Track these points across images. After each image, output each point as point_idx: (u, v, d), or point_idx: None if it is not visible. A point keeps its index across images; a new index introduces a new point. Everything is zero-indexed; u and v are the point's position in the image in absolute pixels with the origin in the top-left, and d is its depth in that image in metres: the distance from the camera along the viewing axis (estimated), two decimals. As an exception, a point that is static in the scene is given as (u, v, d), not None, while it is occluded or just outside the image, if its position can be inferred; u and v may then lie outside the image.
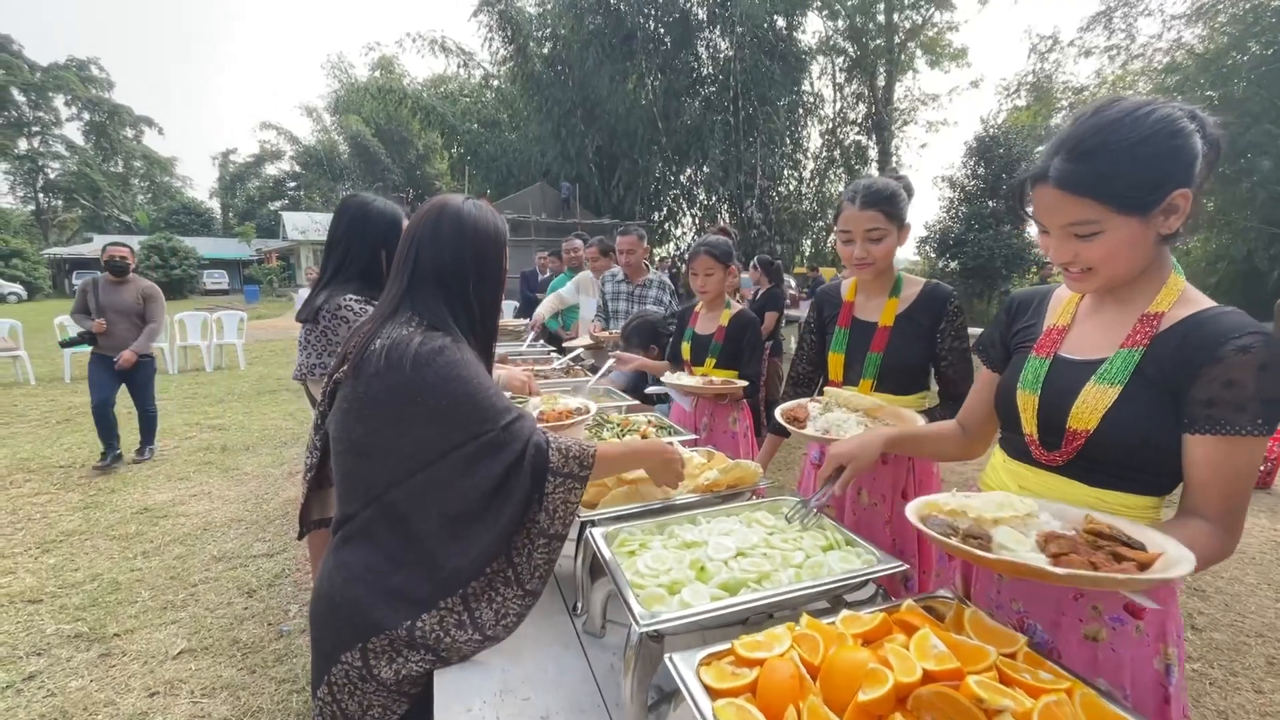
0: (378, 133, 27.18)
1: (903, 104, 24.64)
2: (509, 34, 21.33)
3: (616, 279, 3.71)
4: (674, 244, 25.16)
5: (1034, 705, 0.65)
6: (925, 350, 1.66)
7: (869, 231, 1.60)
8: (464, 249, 1.14)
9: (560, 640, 1.20)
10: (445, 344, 1.05)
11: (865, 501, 1.71)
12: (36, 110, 41.45)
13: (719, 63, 21.03)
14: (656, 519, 1.24)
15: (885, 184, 1.61)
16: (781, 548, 1.10)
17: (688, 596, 0.96)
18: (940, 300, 1.65)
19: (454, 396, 1.03)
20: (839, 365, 1.74)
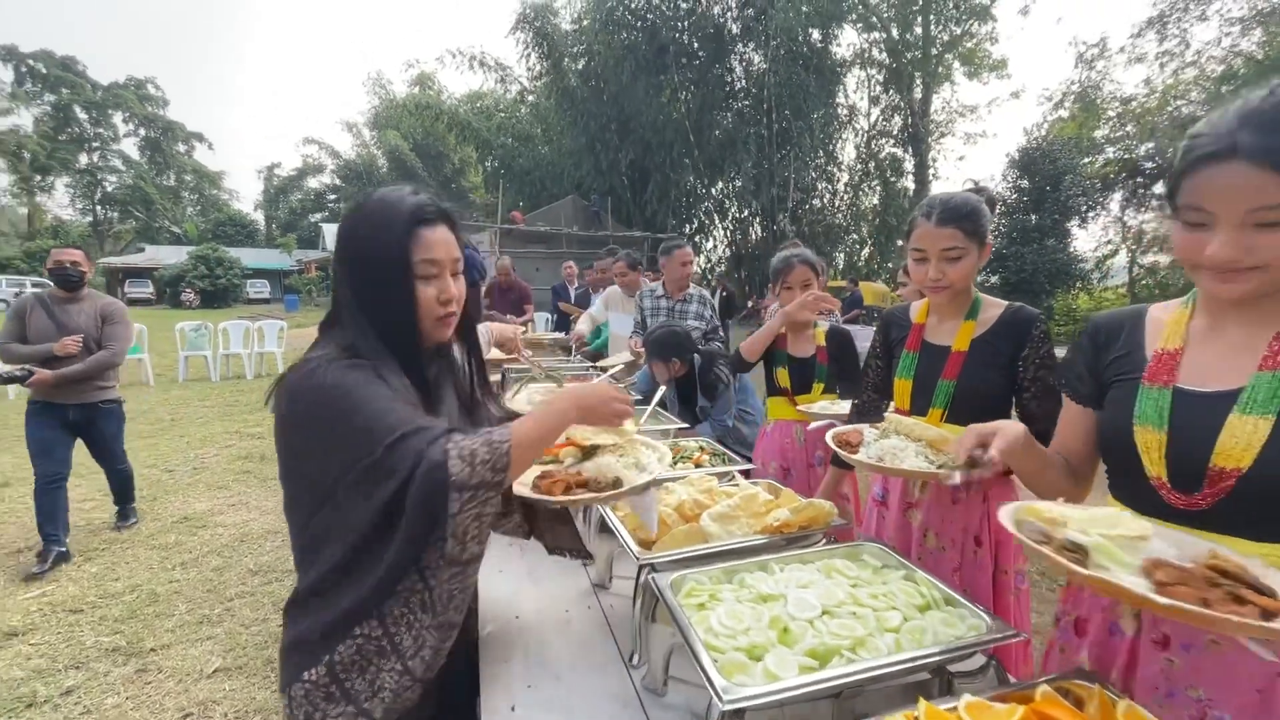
0: (415, 147, 27.79)
1: (940, 116, 24.23)
2: (545, 50, 21.68)
3: (655, 294, 3.61)
4: (704, 257, 25.11)
5: None
6: (1004, 379, 1.48)
7: (946, 251, 1.44)
8: (349, 241, 0.98)
9: (617, 696, 1.09)
10: (318, 366, 0.91)
11: (932, 544, 1.55)
12: (97, 127, 43.68)
13: (752, 76, 21.00)
14: (723, 564, 1.12)
15: (965, 199, 1.46)
16: (873, 605, 0.97)
17: (772, 665, 0.84)
18: (1024, 325, 1.47)
19: (327, 423, 0.88)
20: (906, 392, 1.59)
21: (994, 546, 1.50)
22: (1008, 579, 1.50)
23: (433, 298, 0.99)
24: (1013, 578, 1.50)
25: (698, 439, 2.05)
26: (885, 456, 1.29)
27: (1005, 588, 1.50)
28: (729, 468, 1.69)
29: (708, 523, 1.24)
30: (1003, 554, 1.50)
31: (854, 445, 1.39)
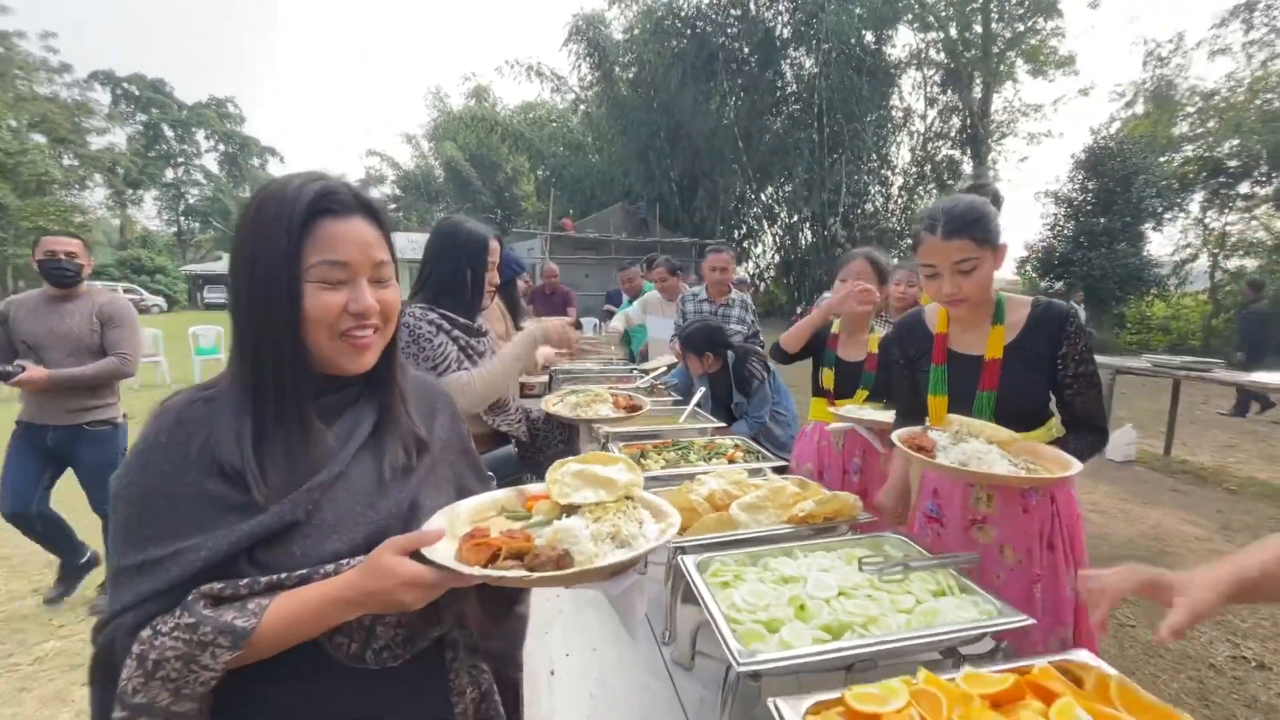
0: (470, 158, 28.71)
1: (1001, 116, 23.35)
2: (596, 60, 22.09)
3: (698, 298, 3.65)
4: (753, 262, 24.95)
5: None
6: (1046, 380, 1.41)
7: (958, 264, 1.35)
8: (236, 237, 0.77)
9: (649, 669, 1.18)
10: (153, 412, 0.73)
11: (1010, 560, 1.44)
12: (181, 144, 46.95)
13: (803, 80, 20.81)
14: (749, 549, 1.20)
15: (970, 204, 1.36)
16: (888, 589, 1.03)
17: (787, 636, 0.91)
18: (1056, 321, 1.40)
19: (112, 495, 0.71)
20: (942, 409, 1.48)
21: (1067, 546, 1.41)
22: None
23: (334, 308, 0.75)
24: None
25: (733, 437, 2.12)
26: (970, 461, 1.22)
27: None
28: (760, 464, 1.75)
29: (736, 511, 1.31)
30: (1076, 552, 1.43)
31: (927, 449, 1.30)
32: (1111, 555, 3.66)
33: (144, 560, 0.65)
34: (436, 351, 1.67)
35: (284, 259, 0.72)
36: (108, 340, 2.80)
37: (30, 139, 35.94)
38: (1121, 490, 4.93)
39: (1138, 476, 5.43)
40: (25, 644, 2.63)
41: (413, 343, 1.65)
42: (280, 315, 0.73)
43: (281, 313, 0.73)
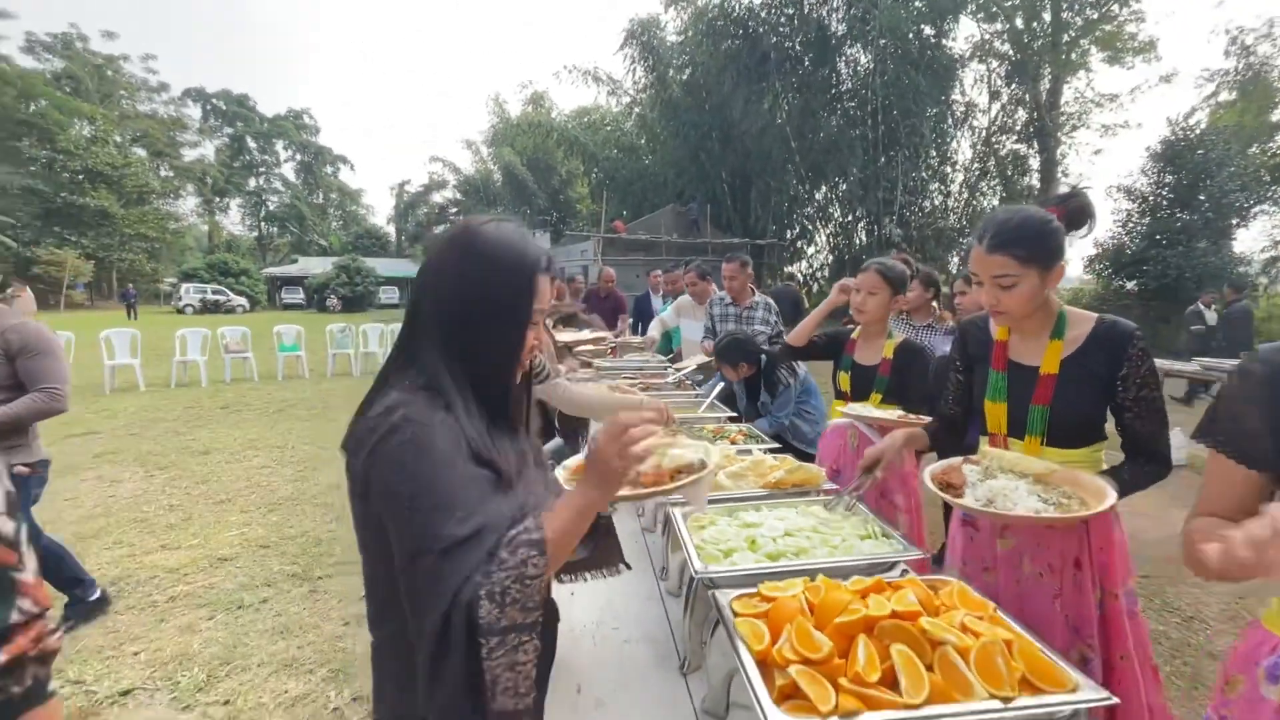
0: (526, 162, 29.67)
1: (1072, 107, 22.33)
2: (650, 63, 22.50)
3: (724, 302, 3.92)
4: (806, 263, 24.81)
5: (974, 643, 0.86)
6: (1101, 400, 1.36)
7: (996, 278, 1.34)
8: (467, 277, 0.88)
9: (647, 594, 1.52)
10: (406, 419, 0.80)
11: (1028, 571, 1.42)
12: (263, 154, 50.37)
13: (858, 77, 20.57)
14: (727, 505, 1.52)
15: (1026, 220, 1.33)
16: (824, 533, 1.33)
17: (737, 559, 1.23)
18: (1119, 342, 1.33)
19: (396, 498, 0.79)
20: (1000, 416, 1.46)
21: (1097, 569, 1.37)
22: (1117, 602, 1.36)
23: (532, 340, 0.95)
24: (1124, 600, 1.37)
25: (740, 425, 2.42)
26: (996, 499, 1.23)
27: (1116, 611, 1.36)
28: (750, 445, 2.06)
29: (722, 478, 1.63)
30: (1107, 577, 1.37)
31: (956, 486, 1.31)
32: (1140, 554, 3.73)
33: (473, 531, 0.76)
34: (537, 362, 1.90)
35: (525, 303, 0.91)
36: (24, 372, 2.37)
37: (133, 153, 39.35)
38: (1162, 494, 4.86)
39: (1185, 481, 5.35)
40: (160, 587, 3.20)
41: None
42: (516, 343, 0.92)
43: (518, 341, 0.92)
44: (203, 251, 45.40)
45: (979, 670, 0.83)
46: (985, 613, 0.97)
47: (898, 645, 0.86)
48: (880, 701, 0.79)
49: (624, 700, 1.14)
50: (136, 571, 3.36)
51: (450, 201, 41.92)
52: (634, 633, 1.35)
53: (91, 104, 36.98)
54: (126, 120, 41.03)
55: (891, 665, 0.85)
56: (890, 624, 0.89)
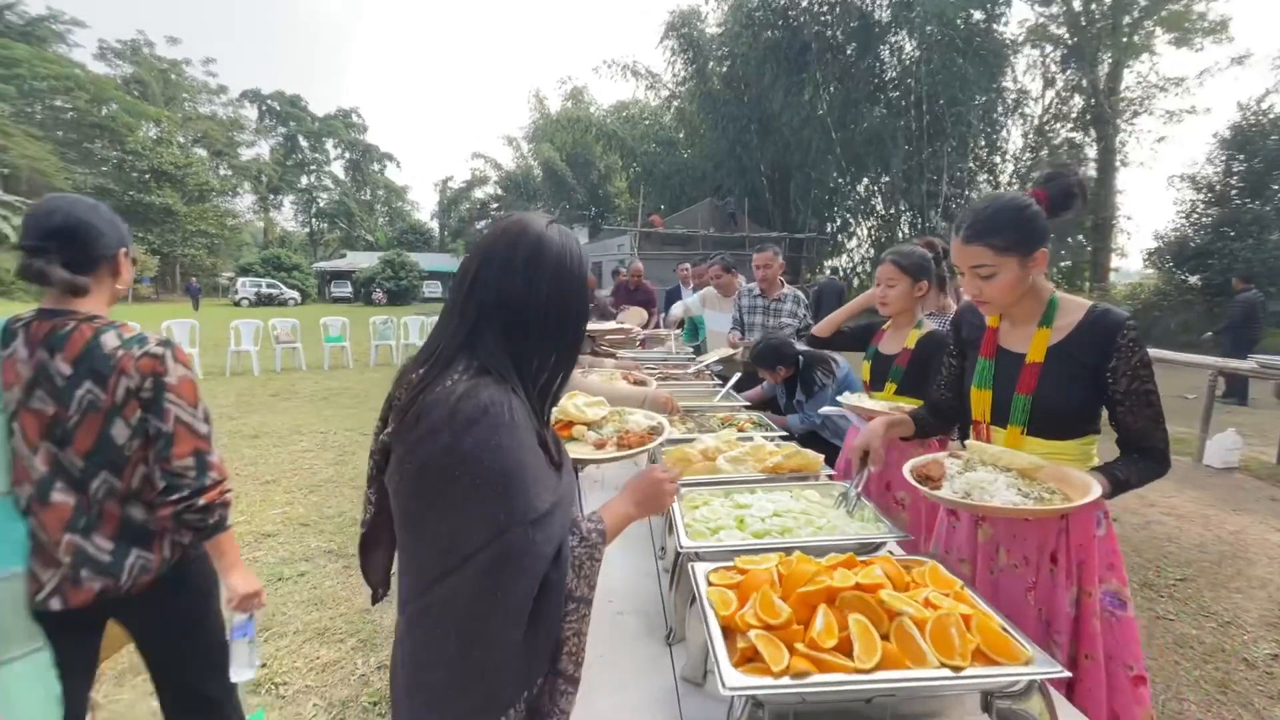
0: (566, 157, 29.95)
1: (1133, 92, 21.22)
2: (690, 55, 22.40)
3: (753, 293, 3.90)
4: (847, 257, 24.34)
5: (930, 615, 0.88)
6: (1089, 392, 1.32)
7: (975, 269, 1.33)
8: (539, 283, 0.91)
9: (645, 571, 1.58)
10: (493, 400, 0.83)
11: (1003, 562, 1.41)
12: (314, 153, 52.18)
13: (903, 66, 20.04)
14: (726, 487, 1.56)
15: (1002, 208, 1.31)
16: (812, 515, 1.36)
17: (723, 536, 1.28)
18: (1108, 331, 1.28)
19: (489, 474, 0.81)
20: (985, 403, 1.44)
21: (1073, 565, 1.33)
22: (1091, 601, 1.32)
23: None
24: (1099, 600, 1.32)
25: (749, 414, 2.45)
26: (973, 491, 1.23)
27: (1089, 611, 1.31)
28: (752, 432, 2.09)
29: (721, 462, 1.68)
30: (1084, 573, 1.33)
31: (935, 479, 1.32)
32: (1177, 557, 3.61)
33: (552, 505, 0.86)
34: None
35: (585, 306, 0.98)
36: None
37: (194, 153, 41.29)
38: (1209, 496, 4.70)
39: (1236, 484, 5.12)
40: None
41: None
42: (580, 339, 1.00)
43: (581, 337, 1.00)
44: (258, 247, 47.40)
45: (934, 641, 0.86)
46: (952, 589, 0.99)
47: (855, 615, 0.90)
48: (831, 664, 0.83)
49: (609, 666, 1.20)
50: (188, 544, 3.60)
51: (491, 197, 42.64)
52: (627, 605, 1.41)
53: (157, 107, 38.98)
54: (189, 122, 43.08)
55: (849, 633, 0.88)
56: (851, 595, 0.93)
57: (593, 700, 1.10)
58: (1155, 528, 4.08)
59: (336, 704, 2.29)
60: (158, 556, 1.38)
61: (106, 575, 1.32)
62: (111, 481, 1.33)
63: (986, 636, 0.88)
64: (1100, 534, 1.36)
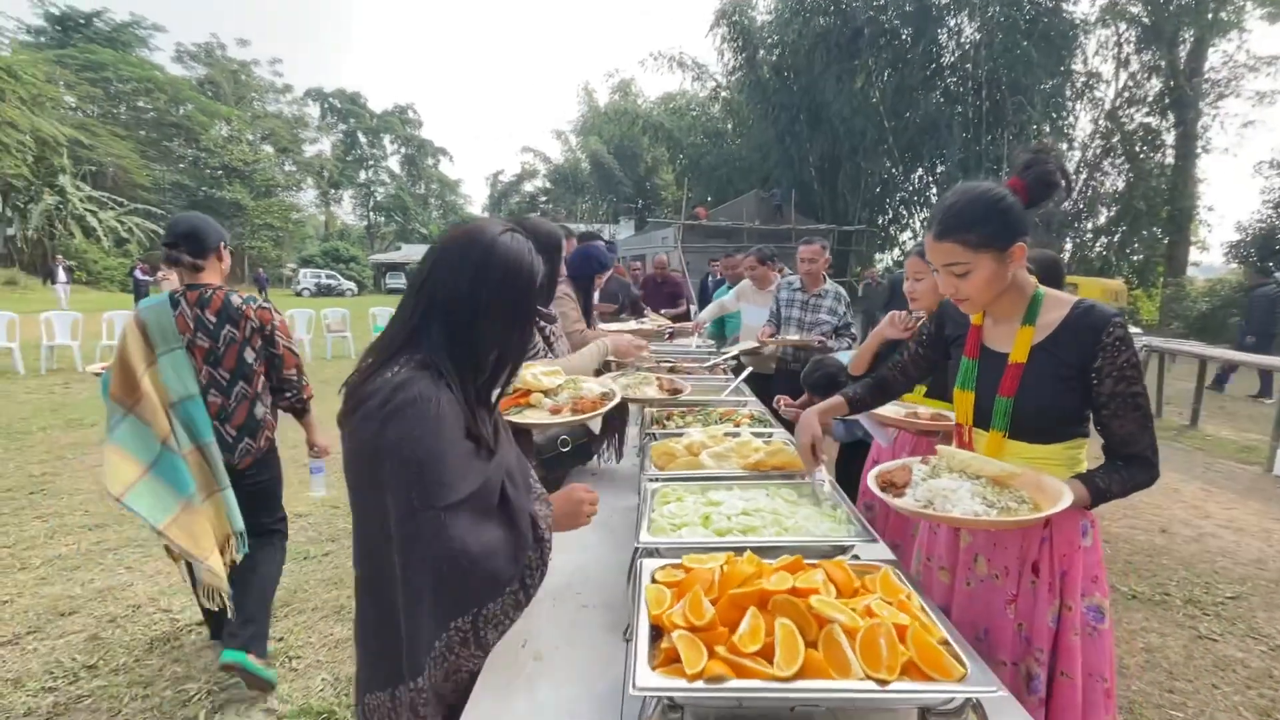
0: (614, 150, 30.02)
1: (1218, 73, 19.69)
2: (740, 44, 22.04)
3: (792, 287, 3.78)
4: (899, 250, 23.54)
5: (862, 624, 0.84)
6: (1073, 394, 1.24)
7: (948, 266, 1.25)
8: (486, 287, 0.97)
9: (620, 565, 1.57)
10: (422, 395, 0.90)
11: (983, 572, 1.35)
12: (372, 148, 53.98)
13: (962, 50, 19.18)
14: (704, 483, 1.53)
15: (971, 201, 1.22)
16: (781, 514, 1.32)
17: (684, 533, 1.26)
18: (1093, 329, 1.20)
19: (406, 461, 0.88)
20: (968, 406, 1.37)
21: (1056, 577, 1.27)
22: (1072, 615, 1.26)
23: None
24: (1079, 615, 1.26)
25: (749, 408, 2.40)
26: (935, 500, 1.17)
27: (1068, 625, 1.25)
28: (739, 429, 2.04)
29: (704, 458, 1.65)
30: (1067, 586, 1.27)
31: (899, 486, 1.25)
32: (1231, 573, 3.36)
33: (472, 492, 0.92)
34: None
35: (532, 310, 1.05)
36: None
37: (261, 150, 43.33)
38: (1276, 509, 4.35)
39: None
40: (244, 536, 3.60)
41: None
42: (525, 341, 1.09)
43: (522, 343, 1.08)
44: (320, 239, 49.44)
45: (862, 652, 0.82)
46: (896, 598, 0.94)
47: (783, 619, 0.87)
48: (748, 670, 0.81)
49: (562, 657, 1.20)
50: (227, 521, 3.80)
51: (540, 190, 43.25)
52: (594, 599, 1.40)
53: (228, 106, 41.05)
54: (257, 120, 45.18)
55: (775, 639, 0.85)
56: (782, 599, 0.89)
57: (536, 688, 1.10)
58: (1209, 540, 3.80)
59: (344, 680, 2.38)
60: (257, 446, 2.28)
61: (229, 452, 2.22)
62: (244, 388, 2.23)
63: (921, 649, 0.83)
64: (1086, 545, 1.28)
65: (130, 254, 29.01)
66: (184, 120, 36.95)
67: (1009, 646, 1.27)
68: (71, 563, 3.27)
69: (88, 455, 5.13)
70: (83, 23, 35.87)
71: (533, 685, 1.12)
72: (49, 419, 6.25)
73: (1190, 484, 4.94)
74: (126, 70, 34.29)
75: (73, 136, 28.00)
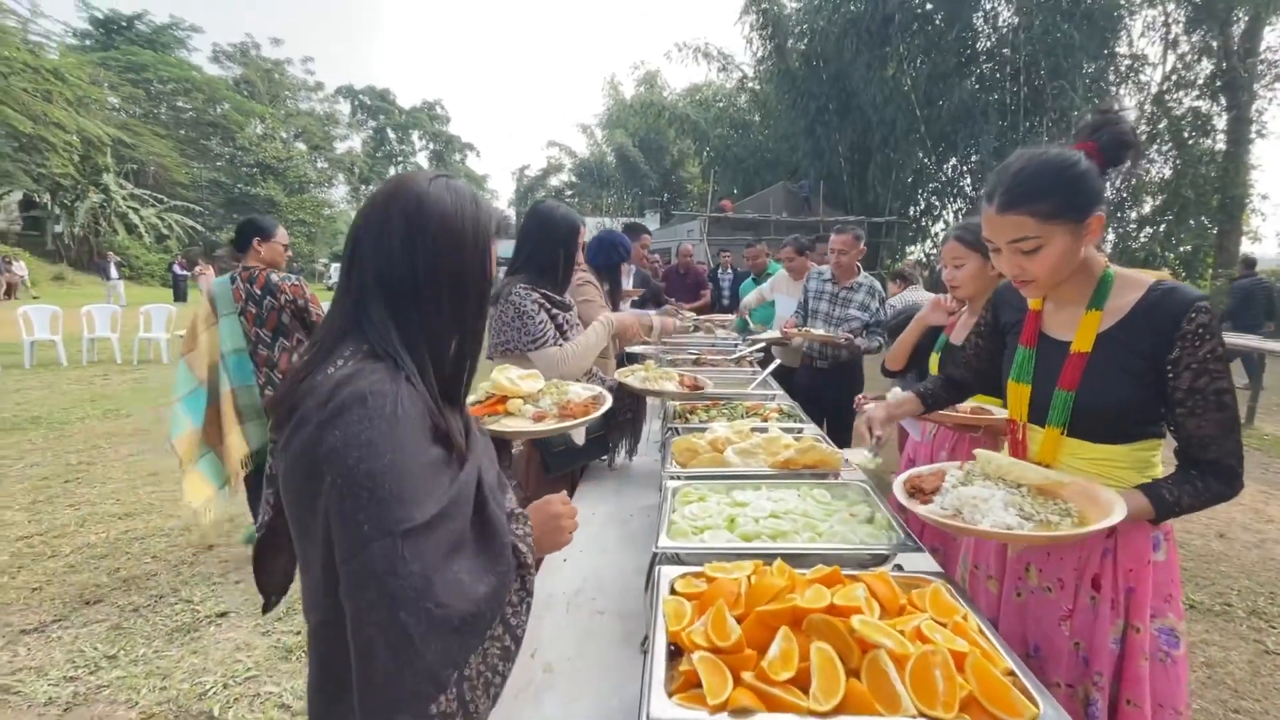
0: (639, 143, 29.81)
1: (1276, 53, 18.67)
2: (769, 32, 21.66)
3: (822, 278, 3.54)
4: (931, 242, 22.93)
5: (914, 651, 0.73)
6: (1144, 389, 1.09)
7: (1014, 243, 1.09)
8: (419, 250, 0.79)
9: (636, 568, 1.47)
10: (374, 389, 0.72)
11: (1034, 583, 1.22)
12: (401, 144, 54.63)
13: (998, 34, 18.54)
14: (729, 482, 1.42)
15: (1042, 166, 1.07)
16: (814, 518, 1.21)
17: (707, 537, 1.15)
18: (1173, 314, 1.04)
19: (353, 474, 0.68)
20: (1022, 400, 1.22)
21: (1120, 595, 1.14)
22: (1140, 637, 1.12)
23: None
24: (1149, 637, 1.12)
25: (778, 402, 2.27)
26: (964, 508, 1.04)
27: (1136, 649, 1.12)
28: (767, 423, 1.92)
29: (729, 455, 1.54)
30: (1134, 605, 1.13)
31: (927, 493, 1.13)
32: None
33: (437, 514, 0.71)
34: (538, 328, 1.91)
35: (483, 275, 0.85)
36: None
37: (294, 147, 44.21)
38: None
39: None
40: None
41: (517, 318, 1.89)
42: (481, 318, 0.87)
43: (482, 317, 0.87)
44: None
45: (913, 683, 0.71)
46: (951, 619, 0.83)
47: (820, 643, 0.76)
48: (780, 702, 0.70)
49: (574, 669, 1.11)
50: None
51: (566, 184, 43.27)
52: (609, 605, 1.31)
53: (263, 105, 41.89)
54: (290, 118, 46.06)
55: (811, 665, 0.74)
56: (819, 619, 0.78)
57: (543, 702, 1.01)
58: (1273, 547, 3.56)
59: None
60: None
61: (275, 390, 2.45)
62: (284, 342, 2.96)
63: (984, 682, 0.72)
64: (1158, 559, 1.14)
65: (170, 250, 29.88)
66: (220, 119, 37.82)
67: (1064, 667, 1.15)
68: (100, 551, 3.30)
69: (123, 445, 5.22)
70: (125, 26, 36.91)
71: (539, 699, 1.03)
72: (88, 409, 6.40)
73: (1249, 486, 4.61)
74: (166, 71, 35.20)
75: (116, 136, 28.90)
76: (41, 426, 5.74)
